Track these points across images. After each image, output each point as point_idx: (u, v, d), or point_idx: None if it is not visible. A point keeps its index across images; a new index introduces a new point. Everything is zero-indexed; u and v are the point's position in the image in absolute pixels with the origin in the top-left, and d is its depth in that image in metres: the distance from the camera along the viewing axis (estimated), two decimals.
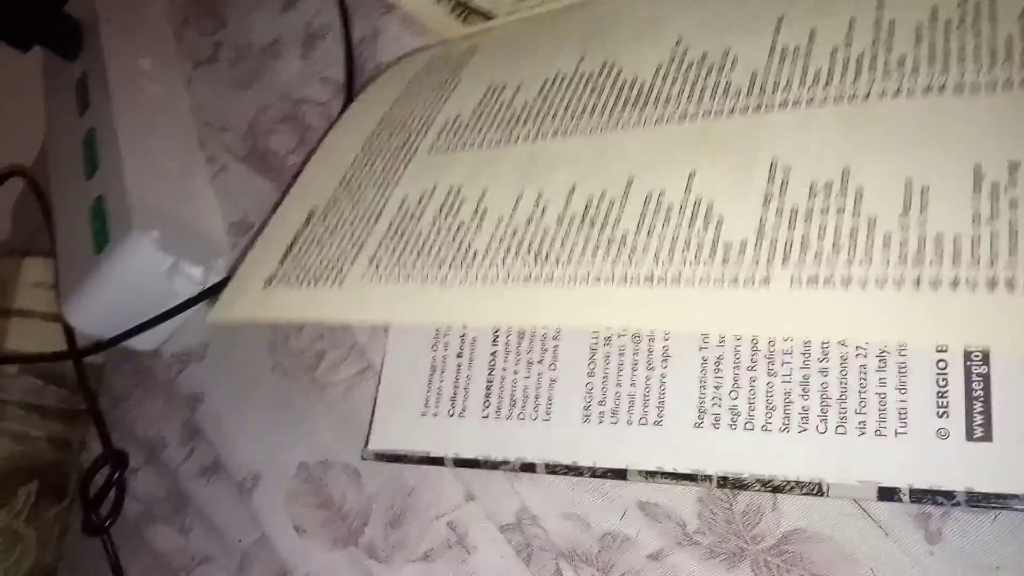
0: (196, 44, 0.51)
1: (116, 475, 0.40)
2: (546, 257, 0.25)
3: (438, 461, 0.31)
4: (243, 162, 0.44)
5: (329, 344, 0.37)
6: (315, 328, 0.38)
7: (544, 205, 0.26)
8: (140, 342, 0.41)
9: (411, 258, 0.28)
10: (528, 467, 0.29)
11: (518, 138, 0.29)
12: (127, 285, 0.39)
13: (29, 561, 0.41)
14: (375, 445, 0.33)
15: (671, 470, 0.26)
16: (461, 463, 0.30)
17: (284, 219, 0.32)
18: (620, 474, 0.27)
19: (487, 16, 0.35)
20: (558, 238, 0.26)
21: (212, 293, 0.40)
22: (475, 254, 0.27)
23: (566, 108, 0.29)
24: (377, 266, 0.28)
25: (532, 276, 0.25)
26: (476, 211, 0.28)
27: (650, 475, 0.26)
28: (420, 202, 0.29)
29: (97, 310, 0.40)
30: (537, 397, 0.29)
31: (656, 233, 0.24)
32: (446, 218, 0.28)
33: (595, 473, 0.27)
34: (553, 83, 0.30)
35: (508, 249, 0.26)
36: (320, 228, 0.31)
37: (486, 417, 0.30)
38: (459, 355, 0.32)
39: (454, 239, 0.27)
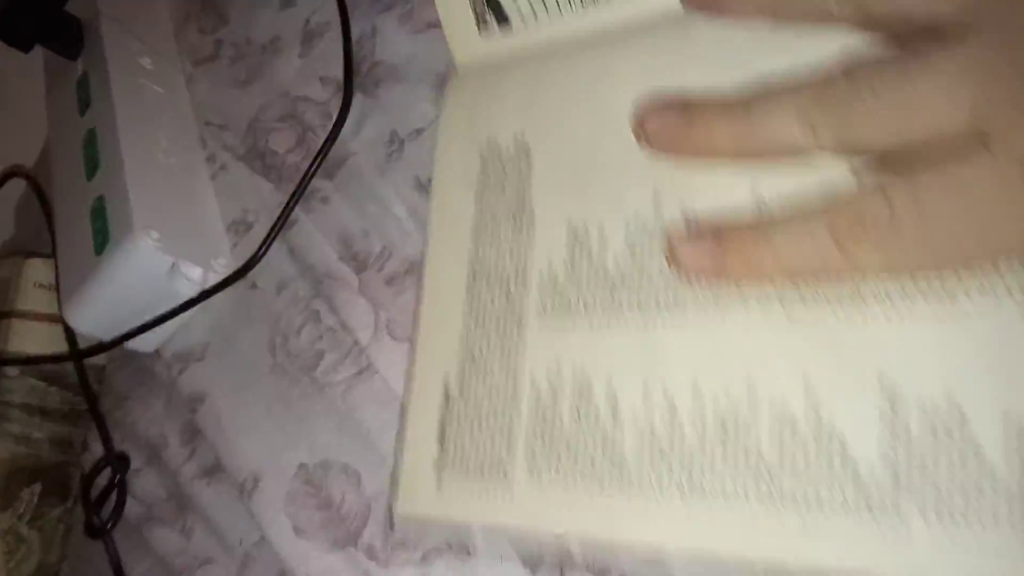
0: (197, 42, 0.51)
1: (117, 478, 0.40)
2: (691, 469, 0.25)
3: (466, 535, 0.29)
4: (242, 161, 0.44)
5: (328, 345, 0.37)
6: (314, 328, 0.37)
7: (673, 402, 0.26)
8: (141, 343, 0.41)
9: (567, 461, 0.27)
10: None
11: (626, 317, 0.28)
12: (127, 286, 0.39)
13: (33, 562, 0.41)
14: (402, 508, 0.31)
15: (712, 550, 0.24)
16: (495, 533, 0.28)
17: (422, 392, 0.32)
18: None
19: (502, 19, 0.34)
20: (697, 447, 0.25)
21: (212, 293, 0.40)
22: (624, 460, 0.26)
23: (665, 285, 0.27)
24: (537, 468, 0.28)
25: (684, 489, 0.25)
26: (609, 401, 0.27)
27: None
28: (551, 386, 0.29)
29: (97, 311, 0.40)
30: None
31: (789, 450, 0.24)
32: (583, 410, 0.28)
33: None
34: (637, 233, 0.28)
35: (653, 457, 0.26)
36: (462, 407, 0.30)
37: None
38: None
39: (599, 438, 0.27)
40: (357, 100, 0.40)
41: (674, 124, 0.27)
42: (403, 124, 0.38)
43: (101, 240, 0.39)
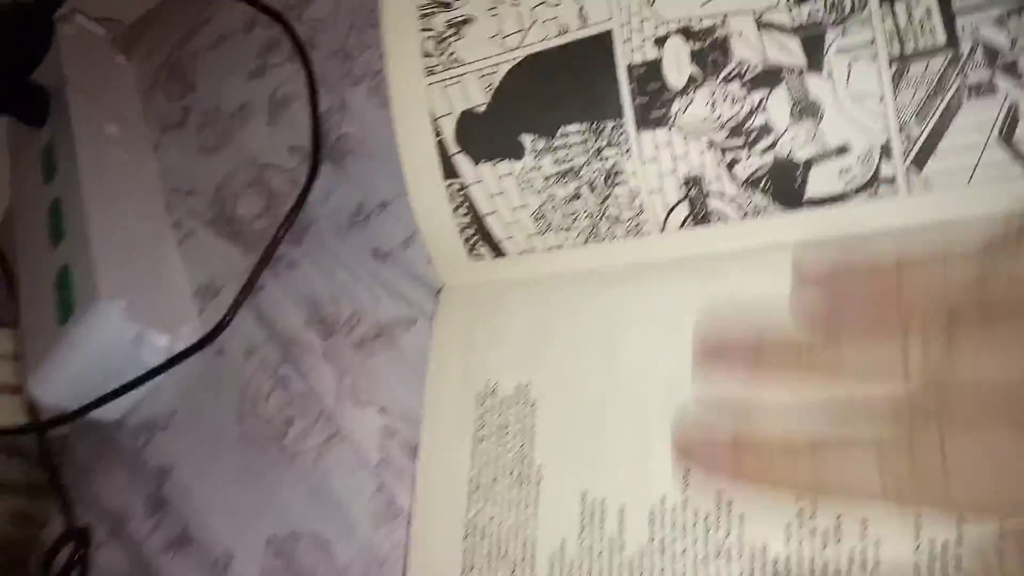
0: (164, 109, 0.51)
1: (78, 554, 0.39)
2: None
3: None
4: (210, 227, 0.44)
5: (298, 411, 0.37)
6: (283, 394, 0.37)
7: None
8: (105, 411, 0.41)
9: None
10: None
11: None
12: (93, 355, 0.39)
13: None
14: None
15: None
16: None
17: None
18: None
19: (496, 250, 0.31)
20: None
21: (178, 360, 0.39)
22: None
23: None
24: None
25: None
26: None
27: None
28: None
29: (62, 382, 0.39)
30: None
31: None
32: None
33: None
34: (664, 522, 0.25)
35: None
36: None
37: None
38: None
39: None
40: (325, 169, 0.40)
41: (725, 460, 0.24)
42: (369, 196, 0.38)
43: (65, 309, 0.39)
